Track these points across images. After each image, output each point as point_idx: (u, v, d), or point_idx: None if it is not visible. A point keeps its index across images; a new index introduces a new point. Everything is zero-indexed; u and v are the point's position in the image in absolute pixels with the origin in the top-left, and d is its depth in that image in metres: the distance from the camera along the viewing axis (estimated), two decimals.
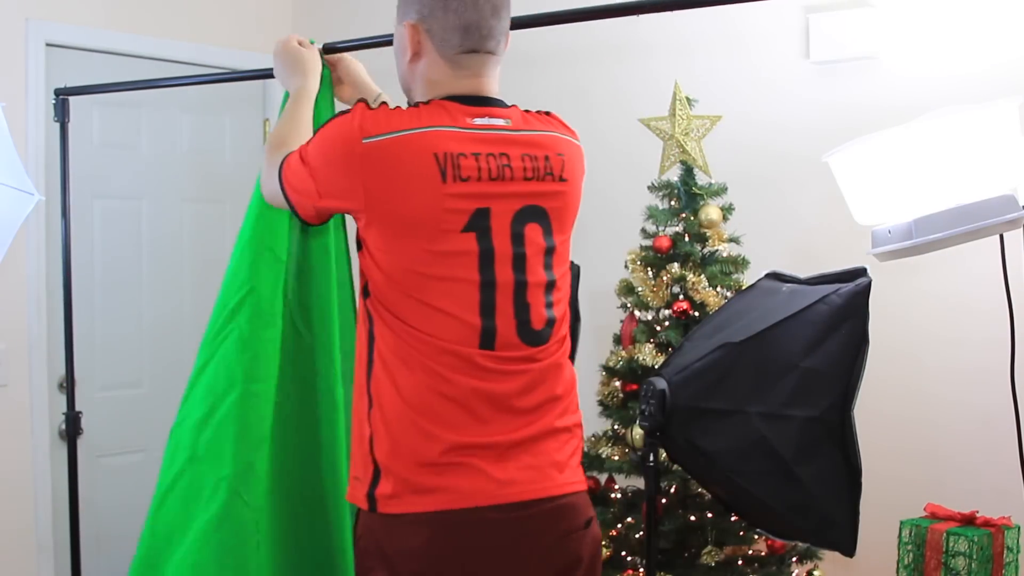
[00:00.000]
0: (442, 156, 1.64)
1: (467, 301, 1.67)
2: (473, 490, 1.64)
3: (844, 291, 1.96)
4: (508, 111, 1.74)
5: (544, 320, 1.73)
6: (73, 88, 2.81)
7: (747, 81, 3.10)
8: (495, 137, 1.69)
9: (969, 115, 1.93)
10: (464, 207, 1.65)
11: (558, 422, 1.74)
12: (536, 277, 1.72)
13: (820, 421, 1.92)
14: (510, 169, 1.69)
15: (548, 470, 1.69)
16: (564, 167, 1.75)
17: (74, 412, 2.82)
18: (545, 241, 1.74)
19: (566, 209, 1.78)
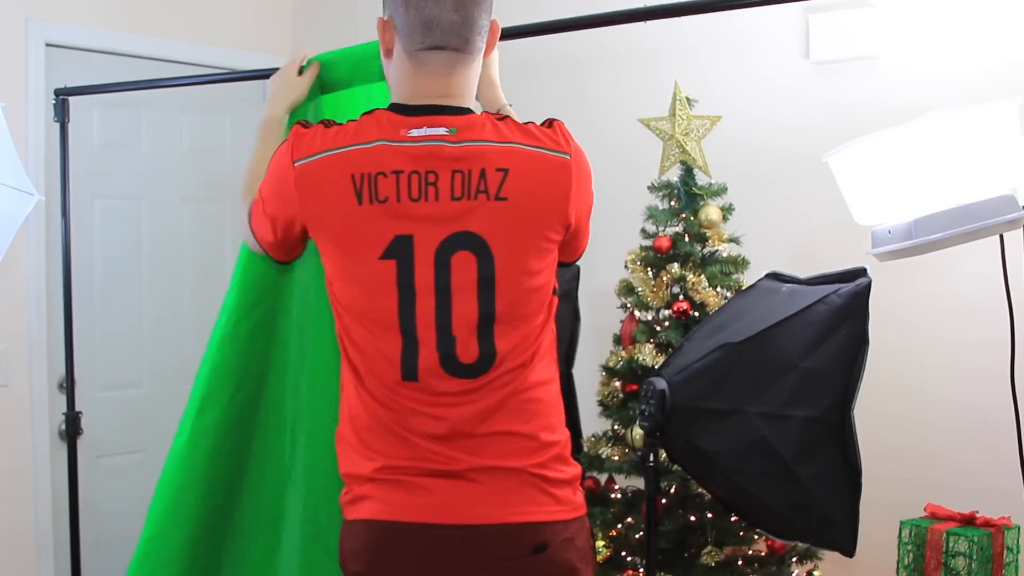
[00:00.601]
0: (359, 177, 1.59)
1: (388, 330, 1.62)
2: (406, 504, 1.65)
3: (844, 291, 1.97)
4: (459, 119, 1.62)
5: (476, 355, 1.62)
6: (73, 88, 2.82)
7: (747, 81, 3.10)
8: (427, 151, 1.59)
9: (969, 115, 1.93)
10: (381, 232, 1.59)
11: (508, 461, 1.64)
12: (465, 310, 1.60)
13: (820, 421, 1.92)
14: (435, 188, 1.58)
15: (490, 498, 1.64)
16: (504, 184, 1.59)
17: (74, 412, 2.82)
18: (480, 271, 1.60)
19: (510, 232, 1.61)
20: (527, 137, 1.64)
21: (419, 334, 1.62)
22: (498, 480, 1.64)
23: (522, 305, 1.64)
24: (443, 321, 1.61)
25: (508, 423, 1.64)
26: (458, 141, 1.60)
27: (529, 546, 1.64)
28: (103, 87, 2.95)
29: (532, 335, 1.66)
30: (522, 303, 1.64)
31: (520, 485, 1.65)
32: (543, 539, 1.64)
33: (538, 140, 1.64)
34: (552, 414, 1.70)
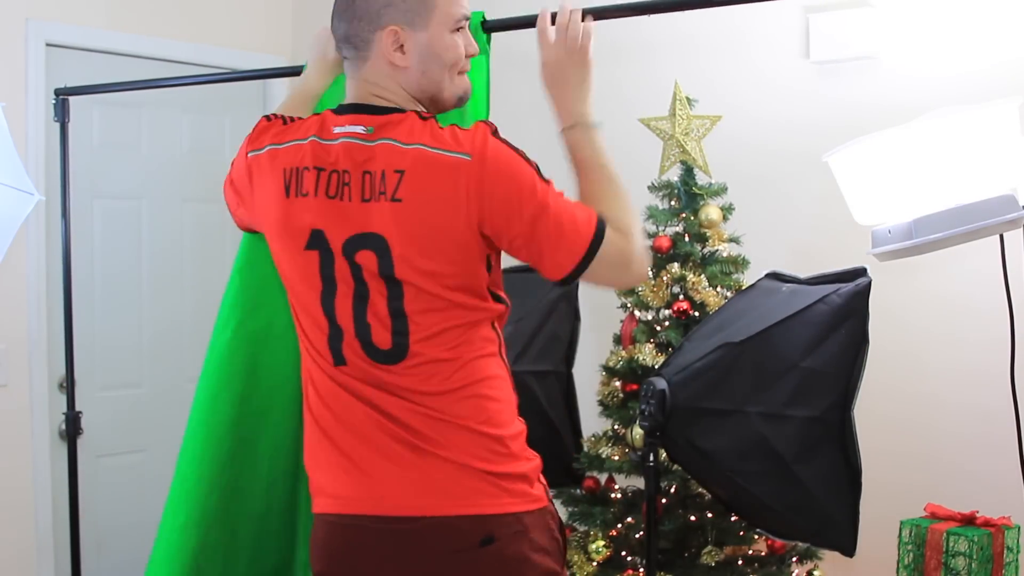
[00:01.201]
0: (290, 171, 1.68)
1: (316, 318, 1.70)
2: (352, 497, 1.69)
3: (844, 291, 1.97)
4: (379, 117, 1.66)
5: (389, 344, 1.66)
6: (73, 88, 2.82)
7: (747, 81, 3.10)
8: (344, 148, 1.65)
9: (969, 115, 1.93)
10: (303, 224, 1.67)
11: (449, 453, 1.66)
12: (375, 303, 1.65)
13: (820, 421, 1.92)
14: (348, 188, 1.64)
15: (433, 488, 1.66)
16: (400, 186, 1.61)
17: (74, 412, 2.83)
18: (381, 270, 1.63)
19: (407, 233, 1.62)
20: (433, 139, 1.63)
21: (340, 322, 1.68)
22: (440, 472, 1.66)
23: (431, 305, 1.65)
24: (358, 310, 1.67)
25: (445, 415, 1.67)
26: (372, 140, 1.65)
27: (476, 539, 1.64)
28: (103, 87, 2.95)
29: (454, 333, 1.66)
30: (431, 304, 1.65)
31: (463, 477, 1.66)
32: (490, 531, 1.65)
33: (441, 142, 1.63)
34: (493, 408, 1.69)
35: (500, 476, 1.67)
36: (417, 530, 1.66)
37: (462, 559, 1.65)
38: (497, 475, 1.67)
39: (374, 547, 1.68)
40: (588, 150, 1.78)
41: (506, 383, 1.75)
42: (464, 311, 1.67)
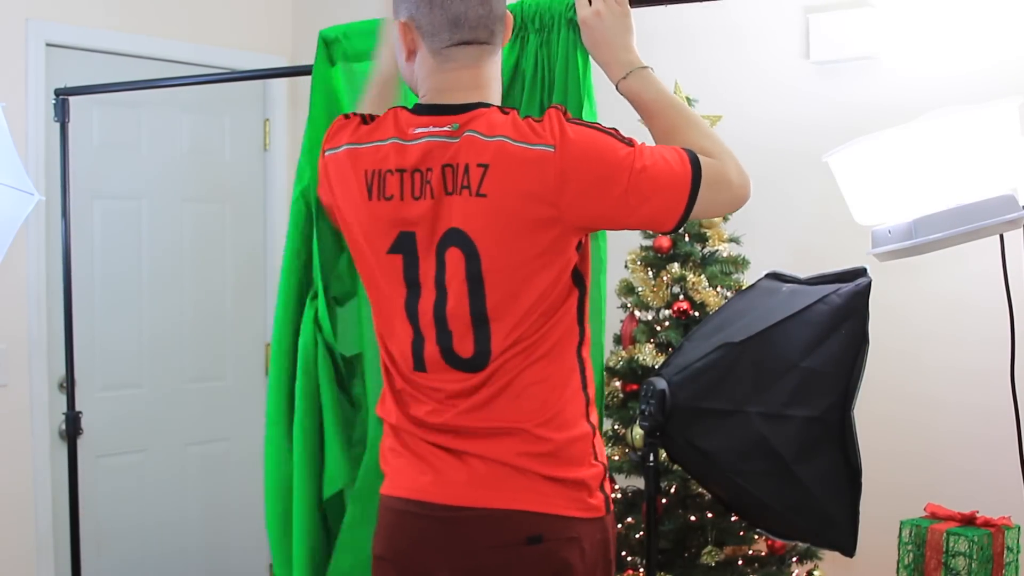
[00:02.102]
0: (371, 173, 1.66)
1: (399, 322, 1.68)
2: (406, 483, 1.70)
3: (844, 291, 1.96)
4: (464, 115, 1.63)
5: (471, 351, 1.63)
6: (73, 88, 2.82)
7: (747, 81, 3.10)
8: (426, 147, 1.62)
9: (969, 115, 1.93)
10: (388, 227, 1.65)
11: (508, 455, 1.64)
12: (458, 306, 1.62)
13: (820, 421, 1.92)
14: (431, 187, 1.61)
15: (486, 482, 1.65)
16: (485, 180, 1.58)
17: (74, 412, 2.83)
18: (468, 269, 1.60)
19: (493, 229, 1.59)
20: (515, 131, 1.60)
21: (422, 327, 1.66)
22: (496, 468, 1.64)
23: (515, 302, 1.62)
24: (440, 316, 1.64)
25: (510, 419, 1.64)
26: (456, 136, 1.61)
27: (522, 535, 1.62)
28: (103, 87, 2.95)
29: (531, 331, 1.63)
30: (515, 300, 1.62)
31: (518, 475, 1.64)
32: (538, 531, 1.62)
33: (523, 135, 1.60)
34: (555, 410, 1.66)
35: (558, 480, 1.64)
36: (465, 519, 1.64)
37: (507, 555, 1.63)
38: (552, 478, 1.64)
39: (426, 534, 1.67)
40: (652, 91, 1.79)
41: (574, 382, 1.70)
42: (546, 306, 1.64)
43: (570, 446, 1.67)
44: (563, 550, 1.63)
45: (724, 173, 1.71)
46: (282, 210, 3.92)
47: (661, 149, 1.65)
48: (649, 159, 1.61)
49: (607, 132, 1.64)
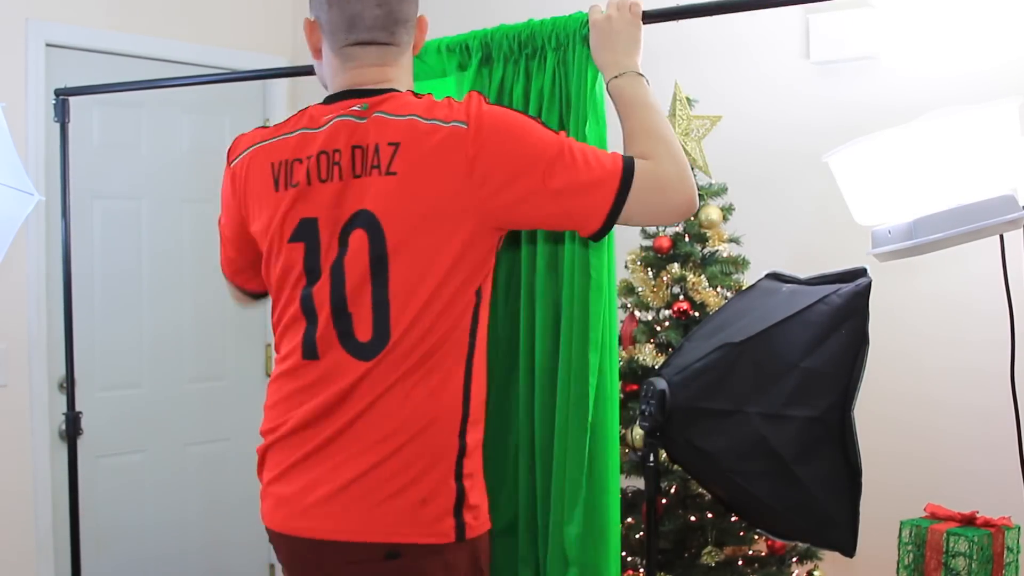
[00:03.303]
0: (277, 164, 1.66)
1: (296, 311, 1.66)
2: (275, 513, 1.68)
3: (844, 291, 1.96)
4: (375, 97, 1.62)
5: (370, 333, 1.59)
6: (73, 88, 2.82)
7: (747, 81, 3.10)
8: (334, 128, 1.61)
9: (969, 115, 1.93)
10: (293, 215, 1.64)
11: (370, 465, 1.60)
12: (358, 290, 1.59)
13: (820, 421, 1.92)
14: (339, 168, 1.60)
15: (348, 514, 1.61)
16: (395, 158, 1.55)
17: (74, 412, 2.82)
18: (372, 249, 1.57)
19: (400, 206, 1.56)
20: (427, 111, 1.58)
21: (319, 313, 1.63)
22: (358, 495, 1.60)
23: (416, 291, 1.58)
24: (337, 300, 1.61)
25: (380, 425, 1.60)
26: (365, 116, 1.61)
27: (381, 553, 1.60)
28: (103, 87, 2.95)
29: (426, 327, 1.59)
30: (416, 288, 1.58)
31: (381, 501, 1.59)
32: (397, 549, 1.59)
33: (435, 113, 1.58)
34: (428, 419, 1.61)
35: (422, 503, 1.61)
36: (324, 544, 1.63)
37: (365, 570, 1.62)
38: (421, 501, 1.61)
39: (298, 551, 1.67)
40: (633, 91, 1.77)
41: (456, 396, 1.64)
42: (452, 303, 1.61)
43: (433, 464, 1.62)
44: (421, 561, 1.60)
45: (662, 178, 1.63)
46: None
47: (595, 149, 1.63)
48: (577, 151, 1.59)
49: (531, 117, 1.63)
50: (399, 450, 1.60)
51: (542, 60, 2.12)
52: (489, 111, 1.58)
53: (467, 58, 2.22)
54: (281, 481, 1.67)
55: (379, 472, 1.60)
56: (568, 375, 2.04)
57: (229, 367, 3.88)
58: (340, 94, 1.67)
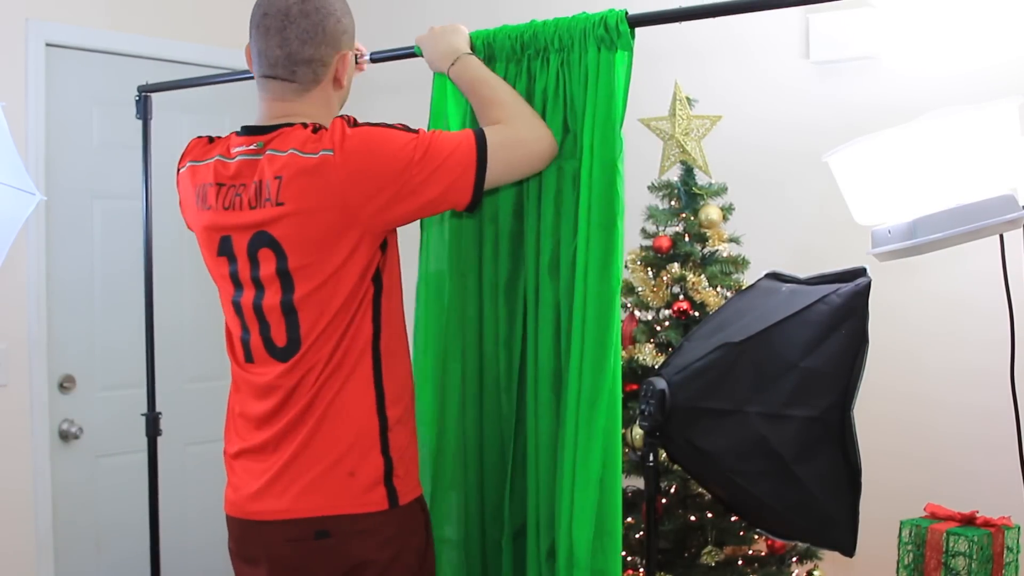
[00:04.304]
0: (200, 187, 1.89)
1: (232, 316, 1.92)
2: (230, 499, 1.98)
3: (844, 291, 1.96)
4: (270, 134, 1.80)
5: (285, 339, 1.83)
6: (156, 85, 2.83)
7: (747, 81, 3.10)
8: (238, 168, 1.83)
9: (969, 115, 1.93)
10: (214, 233, 1.88)
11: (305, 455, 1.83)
12: (271, 300, 1.83)
13: (820, 421, 1.92)
14: (240, 199, 1.81)
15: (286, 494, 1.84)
16: (281, 190, 1.75)
17: (154, 413, 2.88)
18: (278, 265, 1.80)
19: (294, 230, 1.76)
20: (302, 144, 1.77)
21: (247, 321, 1.88)
22: (295, 475, 1.83)
23: (320, 295, 1.79)
24: (258, 309, 1.85)
25: (308, 416, 1.83)
26: (260, 153, 1.81)
27: (311, 531, 1.80)
28: (184, 83, 2.99)
29: (335, 325, 1.81)
30: (320, 293, 1.79)
31: (313, 478, 1.82)
32: (326, 527, 1.80)
33: (308, 146, 1.76)
34: (344, 401, 1.83)
35: (347, 477, 1.83)
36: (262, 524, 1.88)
37: (299, 549, 1.82)
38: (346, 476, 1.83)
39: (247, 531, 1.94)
40: (471, 72, 2.03)
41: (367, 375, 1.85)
42: (348, 303, 1.81)
43: (356, 440, 1.84)
44: (350, 542, 1.81)
45: (514, 136, 1.90)
46: None
47: (446, 132, 1.85)
48: (432, 141, 1.80)
49: (389, 125, 1.81)
50: (326, 433, 1.82)
51: (545, 61, 2.12)
52: (351, 134, 1.77)
53: None
54: (233, 471, 1.98)
55: (309, 453, 1.82)
56: (579, 377, 2.04)
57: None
58: (249, 128, 1.86)
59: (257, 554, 1.89)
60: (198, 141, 1.97)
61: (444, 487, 2.22)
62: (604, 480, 2.02)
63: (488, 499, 2.25)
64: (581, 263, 2.04)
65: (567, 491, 2.04)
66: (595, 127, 2.03)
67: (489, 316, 2.21)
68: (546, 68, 2.11)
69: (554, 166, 2.11)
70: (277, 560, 1.85)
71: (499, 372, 2.21)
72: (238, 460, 1.96)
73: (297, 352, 1.81)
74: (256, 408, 1.90)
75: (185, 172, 1.96)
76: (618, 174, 2.03)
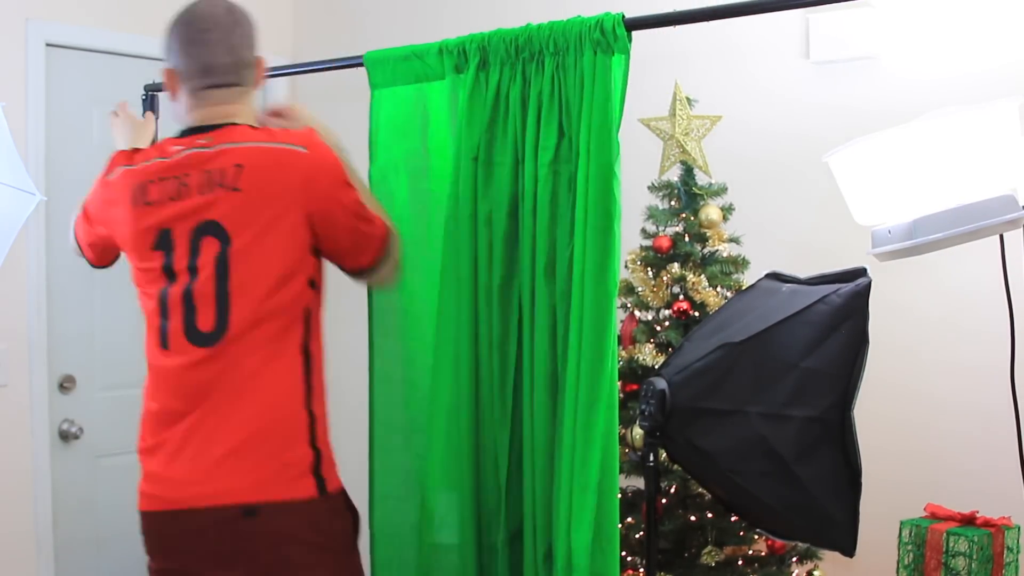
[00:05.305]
0: (136, 186, 2.00)
1: (153, 308, 1.99)
2: (147, 493, 2.00)
3: (844, 291, 1.97)
4: (218, 131, 1.97)
5: (213, 324, 1.91)
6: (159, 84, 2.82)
7: (747, 81, 3.10)
8: (185, 159, 1.96)
9: (969, 115, 1.93)
10: (151, 228, 1.97)
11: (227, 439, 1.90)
12: (204, 286, 1.92)
13: (820, 421, 1.92)
14: (187, 188, 1.94)
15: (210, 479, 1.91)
16: (241, 176, 1.91)
17: None
18: (219, 252, 1.91)
19: (244, 215, 1.91)
20: (269, 136, 1.97)
21: (170, 308, 1.95)
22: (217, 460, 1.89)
23: (257, 283, 1.91)
24: (187, 296, 1.93)
25: (229, 401, 1.91)
26: (211, 146, 1.95)
27: (240, 513, 1.88)
28: None
29: (264, 317, 1.91)
30: (257, 281, 1.91)
31: (246, 465, 1.89)
32: (256, 511, 1.88)
33: (276, 138, 1.96)
34: (274, 393, 1.93)
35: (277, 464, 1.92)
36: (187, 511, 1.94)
37: (226, 530, 1.89)
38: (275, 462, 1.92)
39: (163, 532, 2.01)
40: None
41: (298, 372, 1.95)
42: (284, 293, 1.92)
43: (289, 431, 1.93)
44: (277, 521, 1.89)
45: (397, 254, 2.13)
46: None
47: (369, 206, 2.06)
48: (366, 207, 2.03)
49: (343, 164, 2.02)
50: (257, 420, 1.91)
51: (540, 64, 2.12)
52: (322, 144, 1.99)
53: (464, 61, 2.22)
54: (154, 463, 1.99)
55: (240, 441, 1.90)
56: (577, 381, 2.04)
57: None
58: (189, 130, 2.02)
59: (186, 544, 1.94)
60: (121, 152, 2.11)
61: (440, 491, 2.22)
62: (602, 484, 2.02)
63: (484, 503, 2.24)
64: (578, 267, 2.04)
65: (565, 495, 2.04)
66: (591, 131, 2.03)
67: (483, 319, 2.21)
68: (541, 71, 2.11)
69: (550, 169, 2.10)
70: (208, 547, 1.91)
71: (493, 375, 2.21)
72: (157, 454, 1.99)
73: (223, 337, 1.90)
74: (175, 401, 1.95)
75: (118, 177, 2.05)
76: (615, 177, 2.03)
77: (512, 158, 2.18)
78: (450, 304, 2.22)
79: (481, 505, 2.24)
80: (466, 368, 2.21)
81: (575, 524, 2.01)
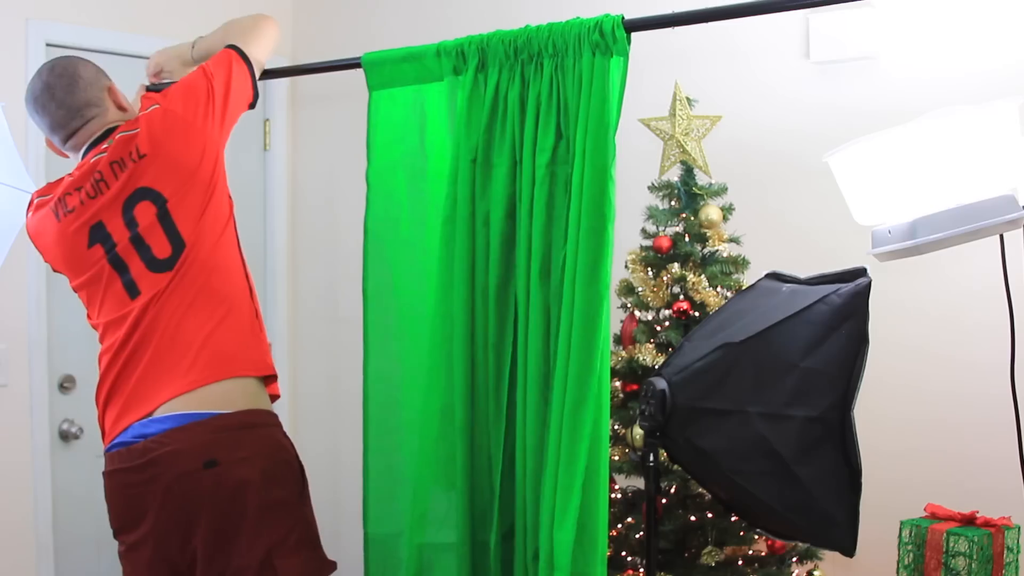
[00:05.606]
0: (55, 204, 2.20)
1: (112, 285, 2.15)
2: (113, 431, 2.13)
3: (844, 291, 1.97)
4: (109, 136, 2.20)
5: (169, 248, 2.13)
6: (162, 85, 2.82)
7: (747, 81, 3.10)
8: (92, 165, 2.17)
9: (969, 115, 1.93)
10: (81, 227, 2.16)
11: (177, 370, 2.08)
12: (151, 231, 2.13)
13: (820, 421, 1.92)
14: (103, 182, 2.16)
15: None
16: (140, 145, 2.16)
17: None
18: (156, 207, 2.14)
19: (164, 171, 2.16)
20: (143, 110, 2.25)
21: (126, 260, 2.14)
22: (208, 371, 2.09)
23: (196, 217, 2.15)
24: (137, 241, 2.13)
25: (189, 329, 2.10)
26: (106, 149, 2.18)
27: (199, 463, 2.00)
28: None
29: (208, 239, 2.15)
30: (194, 194, 2.16)
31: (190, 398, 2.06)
32: (213, 456, 2.01)
33: (147, 106, 2.25)
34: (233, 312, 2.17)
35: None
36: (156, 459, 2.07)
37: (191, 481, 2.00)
38: None
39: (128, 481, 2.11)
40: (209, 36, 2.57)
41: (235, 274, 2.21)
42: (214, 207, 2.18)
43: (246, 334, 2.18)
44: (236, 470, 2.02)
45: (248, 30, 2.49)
46: (282, 210, 3.92)
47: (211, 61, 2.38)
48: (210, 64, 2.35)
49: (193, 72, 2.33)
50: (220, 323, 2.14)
51: (539, 66, 2.11)
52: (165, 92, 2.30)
53: (463, 63, 2.22)
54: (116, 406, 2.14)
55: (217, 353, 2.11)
56: (565, 381, 2.03)
57: None
58: (84, 152, 2.23)
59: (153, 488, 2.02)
60: (37, 192, 2.32)
61: (434, 491, 2.22)
62: (588, 484, 2.02)
63: (478, 502, 2.24)
64: (570, 267, 2.04)
65: (549, 494, 2.04)
66: (588, 132, 2.03)
67: (480, 320, 2.21)
68: (540, 73, 2.11)
69: (547, 171, 2.10)
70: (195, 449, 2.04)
71: (488, 376, 2.21)
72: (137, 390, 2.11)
73: (180, 257, 2.12)
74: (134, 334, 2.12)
75: (35, 209, 2.27)
76: (610, 180, 2.03)
77: (510, 160, 2.18)
78: (446, 305, 2.22)
79: (475, 505, 2.24)
80: (461, 369, 2.21)
81: (558, 523, 2.01)
